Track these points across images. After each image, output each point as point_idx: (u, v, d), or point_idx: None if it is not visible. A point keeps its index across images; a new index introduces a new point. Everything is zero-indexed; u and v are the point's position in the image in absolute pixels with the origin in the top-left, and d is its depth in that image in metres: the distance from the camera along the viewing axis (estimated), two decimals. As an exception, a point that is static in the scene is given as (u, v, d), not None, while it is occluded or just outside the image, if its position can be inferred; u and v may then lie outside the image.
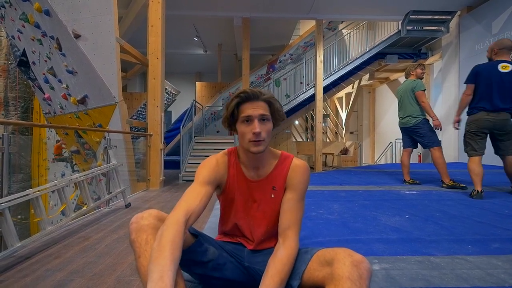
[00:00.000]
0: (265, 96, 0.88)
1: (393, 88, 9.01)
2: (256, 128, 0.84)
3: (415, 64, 3.22)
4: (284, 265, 0.77)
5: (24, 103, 6.96)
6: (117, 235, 1.92)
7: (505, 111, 2.38)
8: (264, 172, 0.94)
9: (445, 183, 2.88)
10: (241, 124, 0.88)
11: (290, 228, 0.85)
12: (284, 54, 8.15)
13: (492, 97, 2.40)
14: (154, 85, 4.05)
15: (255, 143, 0.85)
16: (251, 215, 0.94)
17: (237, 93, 0.88)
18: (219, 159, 0.95)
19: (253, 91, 0.87)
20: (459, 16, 6.01)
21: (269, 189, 0.92)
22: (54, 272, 1.36)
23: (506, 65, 2.39)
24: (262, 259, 0.90)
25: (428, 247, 1.34)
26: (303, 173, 0.93)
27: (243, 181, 0.94)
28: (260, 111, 0.86)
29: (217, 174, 0.91)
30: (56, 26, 3.82)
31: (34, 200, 1.69)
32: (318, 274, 0.75)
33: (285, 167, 0.94)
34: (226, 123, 0.92)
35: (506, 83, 2.35)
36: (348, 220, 1.81)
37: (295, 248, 0.82)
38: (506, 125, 2.39)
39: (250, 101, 0.86)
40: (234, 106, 0.87)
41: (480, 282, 1.02)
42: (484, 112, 2.44)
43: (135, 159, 4.21)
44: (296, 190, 0.90)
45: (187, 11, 5.92)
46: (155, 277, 0.60)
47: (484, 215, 1.88)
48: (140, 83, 11.74)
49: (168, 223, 0.72)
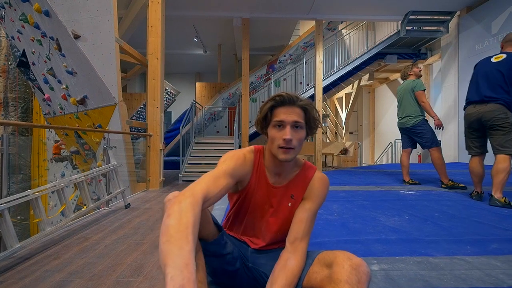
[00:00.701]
0: (301, 102, 0.84)
1: (392, 88, 9.01)
2: (287, 134, 0.80)
3: (409, 65, 3.21)
4: (295, 277, 0.76)
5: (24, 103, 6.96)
6: (117, 236, 1.92)
7: (492, 101, 2.20)
8: (285, 179, 0.91)
9: (444, 183, 2.88)
10: (272, 129, 0.85)
11: (303, 240, 0.83)
12: (283, 54, 8.16)
13: (479, 87, 2.28)
14: (153, 85, 4.05)
15: (284, 151, 0.82)
16: (265, 219, 0.92)
17: (273, 96, 0.85)
18: (247, 156, 0.90)
19: (289, 95, 0.83)
20: (458, 16, 6.01)
21: (288, 197, 0.90)
22: (53, 273, 1.36)
23: (500, 56, 2.28)
24: (266, 262, 0.90)
25: (427, 248, 1.34)
26: (324, 187, 0.92)
27: (264, 185, 0.91)
28: (294, 117, 0.82)
29: (243, 170, 0.87)
30: (56, 27, 3.82)
31: (34, 201, 1.69)
32: (317, 277, 0.75)
33: (307, 178, 0.92)
34: (259, 125, 0.90)
35: (495, 72, 2.22)
36: (347, 220, 1.81)
37: (303, 259, 0.81)
38: (494, 117, 2.19)
39: (285, 106, 0.83)
40: (268, 109, 0.85)
41: (479, 282, 1.02)
42: (471, 106, 2.34)
43: (135, 160, 4.21)
44: (314, 202, 0.89)
45: (187, 11, 5.92)
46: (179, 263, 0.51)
47: (483, 216, 1.89)
48: (140, 84, 11.74)
49: (187, 201, 0.64)
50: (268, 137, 0.87)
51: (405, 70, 3.20)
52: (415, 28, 6.10)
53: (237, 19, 6.15)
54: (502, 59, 2.23)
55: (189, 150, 5.83)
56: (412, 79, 3.10)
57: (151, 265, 1.45)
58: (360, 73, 7.35)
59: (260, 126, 0.90)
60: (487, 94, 2.22)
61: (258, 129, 0.91)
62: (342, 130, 10.28)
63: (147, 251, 1.64)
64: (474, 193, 2.40)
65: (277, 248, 0.94)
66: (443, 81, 6.45)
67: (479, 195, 2.36)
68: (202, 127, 7.81)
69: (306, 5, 5.70)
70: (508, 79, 2.17)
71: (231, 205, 0.99)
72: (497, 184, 2.15)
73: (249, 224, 0.95)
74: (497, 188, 2.15)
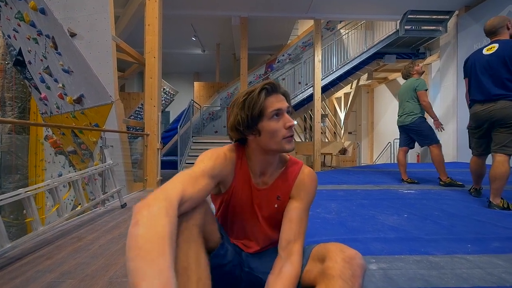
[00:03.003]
0: (282, 89, 0.80)
1: (391, 88, 9.01)
2: (291, 120, 0.75)
3: (409, 64, 3.16)
4: (293, 284, 0.69)
5: (21, 103, 6.91)
6: (112, 236, 1.89)
7: (502, 98, 1.98)
8: (269, 180, 0.84)
9: (442, 181, 2.86)
10: (270, 121, 0.75)
11: (296, 242, 0.75)
12: (282, 54, 8.14)
13: (482, 84, 2.07)
14: (151, 84, 4.02)
15: (289, 139, 0.75)
16: (254, 222, 0.85)
17: (261, 86, 0.76)
18: (228, 154, 0.81)
19: (273, 82, 0.78)
20: (457, 16, 6.01)
21: (274, 198, 0.83)
22: (44, 273, 1.33)
23: (491, 47, 2.07)
24: (260, 264, 0.84)
25: (427, 246, 1.32)
26: (311, 183, 0.84)
27: (248, 186, 0.83)
28: (285, 103, 0.77)
29: (225, 170, 0.78)
30: (52, 25, 3.79)
31: (26, 200, 1.65)
32: (311, 275, 0.71)
33: (292, 175, 0.84)
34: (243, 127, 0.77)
35: (494, 65, 2.00)
36: (345, 219, 1.79)
37: (300, 263, 0.73)
38: (507, 116, 1.95)
39: (273, 94, 0.77)
40: (263, 100, 0.75)
41: (481, 281, 0.99)
42: (478, 104, 2.12)
43: (132, 159, 4.18)
44: (303, 200, 0.81)
45: (185, 10, 5.90)
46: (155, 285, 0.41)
47: (483, 214, 1.86)
48: (138, 83, 11.70)
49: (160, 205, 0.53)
50: (263, 133, 0.76)
51: (407, 69, 3.14)
52: (414, 27, 6.10)
53: (236, 18, 6.13)
54: (496, 49, 2.03)
55: (187, 149, 5.80)
56: (415, 78, 3.05)
57: (145, 265, 1.41)
58: (358, 72, 7.34)
59: (245, 127, 0.77)
60: (495, 92, 2.00)
61: (239, 133, 0.79)
62: (341, 130, 10.27)
63: (141, 251, 1.61)
64: (473, 190, 2.37)
65: (272, 248, 0.88)
66: (441, 81, 6.45)
67: (477, 191, 2.33)
68: (201, 126, 7.77)
69: (304, 4, 5.69)
70: None
71: (217, 208, 0.90)
72: (495, 190, 2.01)
73: (238, 228, 0.88)
74: (495, 194, 2.03)
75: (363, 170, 4.60)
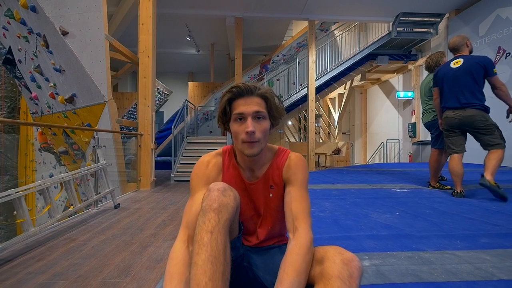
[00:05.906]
0: (260, 91, 0.79)
1: (384, 89, 9.13)
2: (249, 126, 0.75)
3: (435, 54, 2.88)
4: (296, 255, 0.69)
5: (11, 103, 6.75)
6: (105, 236, 1.87)
7: (470, 106, 2.30)
8: (260, 172, 0.87)
9: (431, 185, 2.86)
10: (234, 123, 0.79)
11: (297, 219, 0.77)
12: (277, 54, 8.17)
13: (452, 95, 2.38)
14: (144, 84, 3.99)
15: (249, 145, 0.77)
16: (250, 216, 0.88)
17: (229, 88, 0.80)
18: (211, 161, 0.87)
19: (246, 86, 0.78)
20: (447, 19, 6.14)
21: (267, 188, 0.86)
22: (36, 275, 1.31)
23: (457, 61, 2.38)
24: (259, 263, 0.84)
25: (418, 243, 1.35)
26: (298, 165, 0.85)
27: (240, 183, 0.87)
28: (254, 107, 0.77)
29: (209, 178, 0.85)
30: (43, 23, 3.72)
31: (17, 200, 1.62)
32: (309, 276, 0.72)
33: (280, 163, 0.87)
34: (220, 122, 0.84)
35: (461, 77, 2.32)
36: (339, 217, 1.81)
37: (305, 237, 0.73)
38: (475, 121, 2.29)
39: (243, 97, 0.78)
40: (225, 102, 0.79)
41: (469, 276, 1.02)
42: (449, 110, 2.43)
43: (126, 160, 4.14)
44: (295, 182, 0.83)
45: (179, 9, 5.87)
46: None
47: (473, 211, 1.91)
48: (131, 83, 11.58)
49: (175, 245, 0.74)
50: (231, 133, 0.82)
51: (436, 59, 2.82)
52: (406, 29, 6.21)
53: (230, 18, 6.14)
54: (462, 63, 2.35)
55: (182, 150, 5.76)
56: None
57: (139, 266, 1.41)
58: (352, 73, 7.42)
59: (221, 123, 0.84)
60: (463, 101, 2.32)
61: (221, 127, 0.86)
62: (335, 130, 10.36)
63: (135, 251, 1.60)
64: (455, 193, 2.42)
65: (272, 245, 0.89)
66: (433, 82, 6.56)
67: (460, 194, 2.38)
68: (195, 127, 7.74)
69: (298, 5, 5.73)
70: (478, 79, 2.27)
71: None
72: (490, 167, 2.20)
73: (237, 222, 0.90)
74: (489, 171, 2.19)
75: (357, 170, 4.65)
